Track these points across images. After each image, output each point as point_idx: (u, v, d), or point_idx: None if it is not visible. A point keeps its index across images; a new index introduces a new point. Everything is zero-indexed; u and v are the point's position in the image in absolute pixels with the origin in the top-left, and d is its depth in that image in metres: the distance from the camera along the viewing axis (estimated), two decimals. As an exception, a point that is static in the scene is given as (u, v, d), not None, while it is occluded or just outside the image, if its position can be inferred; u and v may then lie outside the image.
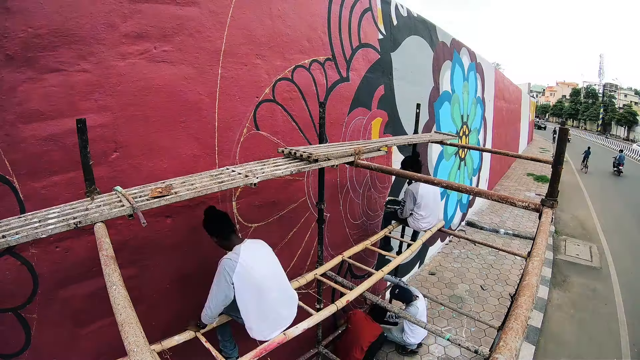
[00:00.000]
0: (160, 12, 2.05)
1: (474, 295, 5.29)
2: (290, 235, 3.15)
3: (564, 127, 1.78)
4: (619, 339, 4.63)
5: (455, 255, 6.56)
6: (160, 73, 2.08)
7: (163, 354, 1.96)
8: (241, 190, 2.65)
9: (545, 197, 1.72)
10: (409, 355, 4.00)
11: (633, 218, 9.78)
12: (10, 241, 1.18)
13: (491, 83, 9.28)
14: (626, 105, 48.80)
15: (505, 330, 0.89)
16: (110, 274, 1.07)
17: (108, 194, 1.64)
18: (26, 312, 1.79)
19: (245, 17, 2.49)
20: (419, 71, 5.00)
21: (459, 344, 2.52)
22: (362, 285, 2.61)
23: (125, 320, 0.88)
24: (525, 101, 19.08)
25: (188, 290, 2.42)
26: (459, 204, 7.63)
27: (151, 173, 2.11)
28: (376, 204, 4.35)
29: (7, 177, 1.66)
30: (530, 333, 4.48)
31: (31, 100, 1.68)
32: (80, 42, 1.77)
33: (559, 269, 6.48)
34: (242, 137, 2.59)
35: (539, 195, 10.73)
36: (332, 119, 3.37)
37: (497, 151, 3.98)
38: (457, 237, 4.80)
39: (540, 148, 23.90)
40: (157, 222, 2.20)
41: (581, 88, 58.85)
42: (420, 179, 2.15)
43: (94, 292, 1.95)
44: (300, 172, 2.58)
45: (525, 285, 1.09)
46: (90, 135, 1.63)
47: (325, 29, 3.19)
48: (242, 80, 2.53)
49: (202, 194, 1.65)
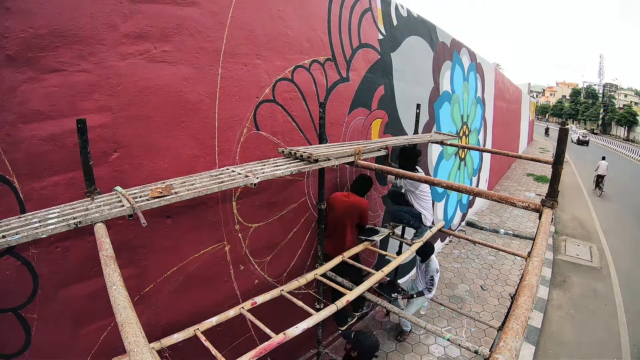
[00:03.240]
0: (160, 12, 2.05)
1: (474, 295, 5.29)
2: (290, 235, 3.15)
3: (564, 128, 1.78)
4: (619, 339, 4.63)
5: (456, 256, 6.56)
6: (160, 73, 2.08)
7: (162, 352, 1.96)
8: (241, 190, 2.65)
9: (545, 198, 1.72)
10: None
11: (633, 218, 9.77)
12: (11, 241, 1.19)
13: (491, 83, 9.28)
14: (626, 106, 48.81)
15: (505, 331, 0.90)
16: (110, 274, 1.07)
17: (108, 194, 1.65)
18: (26, 312, 1.79)
19: (245, 17, 2.49)
20: (419, 71, 5.00)
21: (459, 344, 2.52)
22: (362, 285, 2.60)
23: (125, 320, 0.88)
24: (525, 101, 19.08)
25: (188, 289, 2.42)
26: (459, 204, 7.63)
27: (151, 173, 2.11)
28: (376, 204, 4.35)
29: (7, 177, 1.66)
30: (530, 333, 4.48)
31: (31, 100, 1.68)
32: (80, 42, 1.77)
33: (559, 269, 6.48)
34: (242, 137, 2.60)
35: (539, 195, 10.73)
36: (332, 119, 3.37)
37: (497, 151, 3.98)
38: (457, 237, 4.80)
39: (541, 148, 23.91)
40: (157, 222, 2.20)
41: (581, 88, 58.86)
42: (420, 179, 2.15)
43: (94, 292, 1.95)
44: (300, 172, 2.58)
45: (525, 286, 1.09)
46: (91, 135, 1.64)
47: (325, 29, 3.19)
48: (243, 80, 2.53)
49: (202, 194, 1.66)
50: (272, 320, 2.12)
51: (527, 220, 8.51)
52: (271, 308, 2.41)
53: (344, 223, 3.16)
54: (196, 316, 2.12)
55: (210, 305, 2.56)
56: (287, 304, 2.34)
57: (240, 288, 2.79)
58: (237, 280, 2.76)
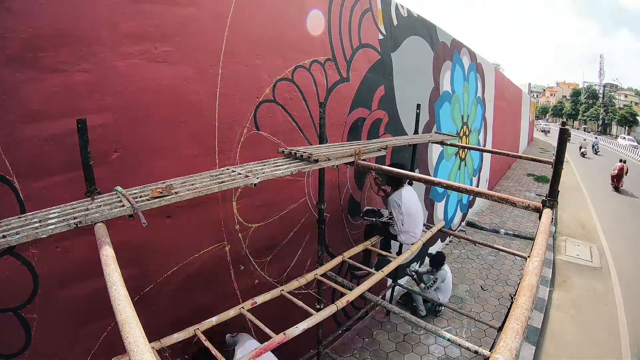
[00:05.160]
0: (160, 13, 2.05)
1: (474, 295, 5.29)
2: (290, 235, 3.15)
3: (564, 128, 1.78)
4: (619, 339, 4.63)
5: (456, 256, 6.56)
6: (160, 73, 2.08)
7: (162, 352, 1.96)
8: (241, 190, 2.65)
9: (545, 198, 1.72)
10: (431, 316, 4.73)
11: (633, 218, 9.77)
12: (11, 241, 1.18)
13: (491, 83, 9.28)
14: (626, 106, 48.76)
15: (505, 331, 0.89)
16: (110, 274, 1.07)
17: (108, 194, 1.64)
18: (26, 312, 1.80)
19: (245, 17, 2.49)
20: (419, 71, 5.00)
21: (459, 344, 2.52)
22: (362, 285, 2.60)
23: (125, 320, 0.88)
24: (525, 101, 19.07)
25: (188, 289, 2.42)
26: (459, 205, 7.63)
27: (151, 173, 2.11)
28: (376, 204, 4.34)
29: (7, 177, 1.67)
30: (530, 333, 4.47)
31: (32, 100, 1.68)
32: (80, 42, 1.77)
33: (559, 269, 6.48)
34: (242, 137, 2.60)
35: (539, 195, 10.72)
36: (332, 119, 3.37)
37: (497, 151, 3.97)
38: (458, 237, 4.79)
39: (540, 148, 23.89)
40: (157, 222, 2.20)
41: (582, 88, 58.80)
42: (420, 179, 2.15)
43: (94, 292, 1.95)
44: (300, 173, 2.58)
45: (525, 286, 1.09)
46: (91, 135, 1.63)
47: (325, 29, 3.19)
48: (243, 80, 2.53)
49: (202, 194, 1.65)
50: (272, 320, 2.12)
51: (527, 221, 8.50)
52: (271, 308, 2.41)
53: None
54: (196, 316, 2.12)
55: (210, 305, 2.56)
56: (287, 304, 2.34)
57: (240, 288, 2.79)
58: (237, 280, 2.76)
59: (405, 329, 4.44)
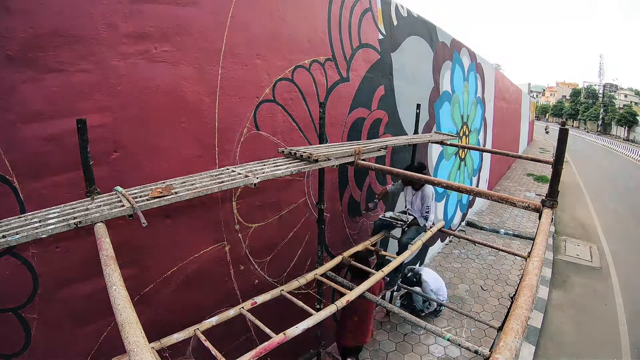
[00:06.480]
0: (160, 13, 2.05)
1: (474, 295, 5.29)
2: (290, 235, 3.15)
3: (564, 128, 1.78)
4: (619, 339, 4.63)
5: (456, 256, 6.56)
6: (160, 73, 2.08)
7: (162, 352, 1.96)
8: (241, 190, 2.65)
9: (545, 198, 1.72)
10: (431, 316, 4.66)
11: (633, 218, 9.77)
12: (11, 241, 1.19)
13: (491, 83, 9.28)
14: (626, 106, 48.72)
15: (505, 331, 0.90)
16: (110, 274, 1.07)
17: (108, 194, 1.65)
18: (26, 312, 1.79)
19: (245, 17, 2.48)
20: (419, 71, 5.00)
21: (459, 344, 2.52)
22: (362, 285, 2.60)
23: (125, 320, 0.88)
24: (525, 101, 19.07)
25: (188, 290, 2.42)
26: (459, 204, 7.63)
27: (151, 173, 2.11)
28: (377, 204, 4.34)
29: (7, 177, 1.66)
30: (530, 333, 4.47)
31: (31, 100, 1.68)
32: (80, 42, 1.77)
33: (559, 269, 6.48)
34: (242, 137, 2.60)
35: (539, 195, 10.72)
36: (332, 119, 3.37)
37: (497, 151, 3.98)
38: (457, 237, 4.80)
39: (540, 148, 23.90)
40: (157, 222, 2.20)
41: (581, 88, 58.79)
42: (420, 179, 2.15)
43: (94, 292, 1.95)
44: (300, 173, 2.58)
45: (525, 286, 1.09)
46: (91, 135, 1.64)
47: (325, 29, 3.19)
48: (243, 80, 2.53)
49: (202, 194, 1.66)
50: (272, 320, 2.12)
51: (527, 220, 8.50)
52: (271, 308, 2.41)
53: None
54: (196, 316, 2.12)
55: (210, 305, 2.56)
56: (287, 304, 2.34)
57: (240, 288, 2.79)
58: (237, 280, 2.76)
59: (405, 329, 4.44)
